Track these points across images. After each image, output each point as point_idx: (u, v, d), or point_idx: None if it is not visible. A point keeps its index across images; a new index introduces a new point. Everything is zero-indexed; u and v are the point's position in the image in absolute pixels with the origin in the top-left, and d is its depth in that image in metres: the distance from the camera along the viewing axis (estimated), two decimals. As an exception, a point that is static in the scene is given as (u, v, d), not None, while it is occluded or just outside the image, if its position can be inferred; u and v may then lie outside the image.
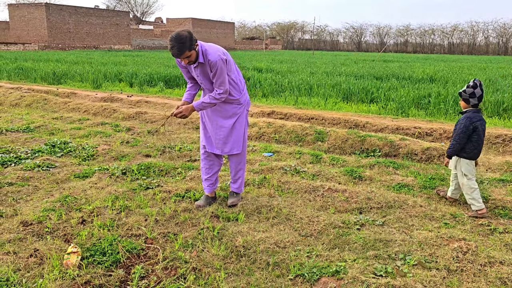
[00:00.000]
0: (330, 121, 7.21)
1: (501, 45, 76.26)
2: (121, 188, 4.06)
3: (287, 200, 3.93)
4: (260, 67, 17.18)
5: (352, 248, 3.06)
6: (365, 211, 3.76)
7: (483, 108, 8.34)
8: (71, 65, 17.91)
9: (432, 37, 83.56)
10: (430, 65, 21.89)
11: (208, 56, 3.30)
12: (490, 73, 16.21)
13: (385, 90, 9.95)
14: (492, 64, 26.72)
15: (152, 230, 3.24)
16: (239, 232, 3.24)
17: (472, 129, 3.67)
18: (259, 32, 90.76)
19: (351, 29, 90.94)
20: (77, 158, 5.23)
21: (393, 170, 4.89)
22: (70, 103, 9.09)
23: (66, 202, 3.68)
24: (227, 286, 2.55)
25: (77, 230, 3.19)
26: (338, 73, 14.95)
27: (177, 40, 3.13)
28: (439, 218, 3.56)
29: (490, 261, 2.77)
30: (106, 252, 2.85)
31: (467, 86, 3.72)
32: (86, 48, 46.30)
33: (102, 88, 12.13)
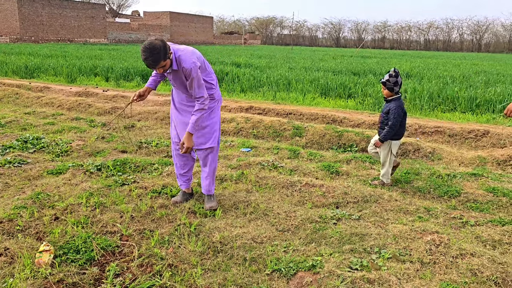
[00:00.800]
0: (308, 116, 7.25)
1: (475, 42, 78.28)
2: (96, 185, 3.98)
3: (264, 196, 3.93)
4: (239, 62, 17.12)
5: (328, 243, 3.08)
6: (342, 205, 3.80)
7: (457, 104, 8.53)
8: (44, 59, 17.46)
9: (408, 33, 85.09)
10: (407, 61, 22.26)
11: (182, 64, 3.16)
12: (464, 69, 16.60)
13: (362, 86, 10.06)
14: (466, 60, 27.37)
15: (128, 227, 3.19)
16: (216, 228, 3.23)
17: (403, 115, 4.08)
18: (238, 27, 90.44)
19: (329, 25, 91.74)
20: (50, 154, 5.10)
21: (369, 165, 4.96)
22: (43, 97, 8.86)
23: (38, 199, 3.59)
24: (203, 282, 2.53)
25: (50, 228, 3.11)
26: (316, 69, 15.04)
27: (151, 51, 2.97)
28: (413, 212, 3.63)
29: (461, 253, 2.84)
30: (80, 250, 2.80)
31: (390, 75, 4.01)
32: (60, 41, 45.19)
33: (77, 83, 11.87)
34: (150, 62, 3.00)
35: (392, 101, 4.09)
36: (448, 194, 4.06)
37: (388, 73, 4.06)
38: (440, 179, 4.47)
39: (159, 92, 10.21)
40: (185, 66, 3.15)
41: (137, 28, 56.17)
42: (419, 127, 6.52)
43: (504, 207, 3.79)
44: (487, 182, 4.35)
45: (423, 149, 5.49)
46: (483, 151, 5.55)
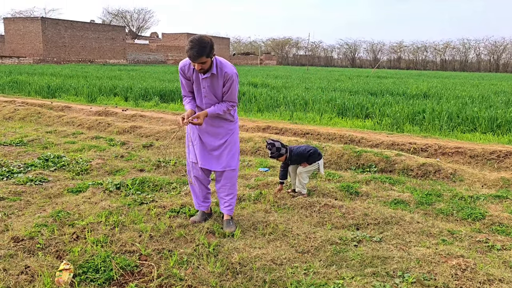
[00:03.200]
0: (326, 136, 7.21)
1: (493, 62, 77.48)
2: (115, 203, 4.00)
3: (283, 216, 3.89)
4: (255, 82, 17.26)
5: (349, 265, 3.02)
6: (362, 227, 3.72)
7: (477, 124, 8.40)
8: (65, 79, 17.90)
9: (424, 53, 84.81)
10: (424, 81, 22.12)
11: (224, 69, 3.27)
12: (483, 90, 16.40)
13: (379, 106, 10.01)
14: (484, 80, 27.07)
15: (147, 246, 3.18)
16: (235, 249, 3.19)
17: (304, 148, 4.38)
18: (254, 48, 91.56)
19: (345, 46, 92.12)
20: (71, 172, 5.17)
21: (389, 185, 4.88)
22: (64, 116, 9.04)
23: (58, 218, 3.62)
24: (223, 305, 2.49)
25: (69, 246, 3.12)
26: (333, 89, 15.05)
27: (199, 43, 3.04)
28: (437, 235, 3.53)
29: (489, 279, 2.74)
30: (99, 269, 2.79)
31: (270, 149, 4.21)
32: (81, 62, 46.39)
33: (96, 102, 12.10)
34: (194, 52, 3.02)
35: (291, 156, 4.29)
36: (472, 216, 3.95)
37: (267, 148, 4.24)
38: (463, 201, 4.36)
39: (177, 111, 10.33)
40: (227, 72, 3.26)
41: (156, 49, 57.38)
42: (439, 148, 6.42)
43: (532, 231, 3.66)
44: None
45: (444, 170, 5.39)
46: (506, 172, 5.42)
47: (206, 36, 3.11)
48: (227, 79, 3.29)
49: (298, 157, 4.34)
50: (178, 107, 11.38)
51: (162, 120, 8.92)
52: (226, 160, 3.54)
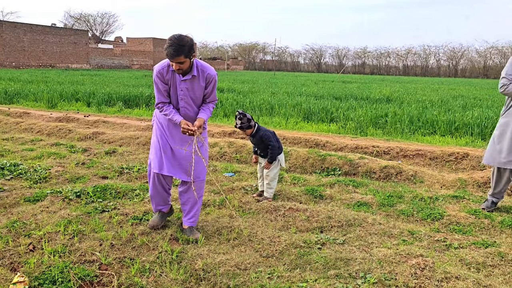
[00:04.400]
0: (291, 140, 7.27)
1: (452, 68, 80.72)
2: (75, 212, 3.87)
3: (248, 221, 3.88)
4: (222, 87, 17.22)
5: (313, 268, 3.04)
6: (326, 230, 3.77)
7: (437, 128, 8.70)
8: (25, 84, 17.26)
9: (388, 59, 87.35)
10: (387, 86, 22.75)
11: (206, 70, 3.24)
12: (442, 94, 17.03)
13: (344, 110, 10.20)
14: (443, 85, 28.12)
15: (107, 255, 3.09)
16: (198, 255, 3.15)
17: (273, 133, 4.41)
18: (221, 53, 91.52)
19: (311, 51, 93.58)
20: (28, 180, 4.97)
21: (353, 188, 4.96)
22: (23, 123, 8.71)
23: (14, 228, 3.46)
24: (185, 312, 2.45)
25: (25, 258, 2.99)
26: (299, 93, 15.22)
27: (178, 41, 2.96)
28: (398, 235, 3.62)
29: (446, 277, 2.82)
30: (56, 281, 2.69)
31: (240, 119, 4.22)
32: (42, 67, 44.89)
33: (57, 108, 11.72)
34: (171, 50, 2.94)
35: (257, 133, 4.33)
36: (431, 216, 4.08)
37: (237, 118, 4.24)
38: (422, 202, 4.49)
39: (141, 116, 10.16)
40: (210, 73, 3.25)
41: (120, 53, 56.31)
42: (400, 150, 6.60)
43: (486, 229, 3.82)
44: (468, 204, 4.40)
45: (405, 172, 5.54)
46: (463, 173, 5.63)
47: (186, 35, 3.03)
48: (210, 80, 3.27)
49: (260, 140, 4.34)
50: (143, 112, 11.19)
51: (126, 126, 8.74)
52: (197, 170, 3.38)
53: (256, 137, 4.35)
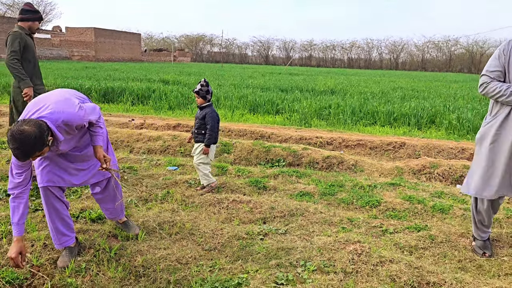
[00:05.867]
0: (237, 132, 7.27)
1: (393, 61, 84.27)
2: (4, 212, 3.63)
3: (190, 214, 3.83)
4: (167, 79, 16.87)
5: (255, 259, 3.05)
6: (269, 220, 3.80)
7: (377, 118, 9.05)
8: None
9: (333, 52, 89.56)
10: (332, 78, 23.33)
11: (73, 124, 2.55)
12: (383, 86, 17.72)
13: (289, 102, 10.34)
14: (385, 78, 29.30)
15: (40, 256, 2.93)
16: (138, 252, 3.07)
17: (218, 119, 4.41)
18: (167, 44, 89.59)
19: (258, 43, 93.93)
20: (-48, 180, 4.59)
21: (296, 179, 5.04)
22: None
23: None
24: (122, 311, 2.37)
25: None
26: (245, 86, 15.23)
27: (25, 143, 2.23)
28: (338, 223, 3.72)
29: (381, 261, 2.94)
30: (-20, 286, 2.51)
31: (201, 85, 4.33)
32: (-28, 57, 41.66)
33: (-12, 101, 10.94)
34: (19, 153, 2.27)
35: (206, 107, 4.40)
36: (369, 204, 4.23)
37: (200, 83, 4.34)
38: (362, 190, 4.65)
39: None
40: (78, 123, 2.59)
41: (59, 44, 53.50)
42: (343, 141, 6.79)
43: (419, 214, 4.02)
44: (404, 191, 4.61)
45: (346, 161, 5.71)
46: (400, 162, 5.89)
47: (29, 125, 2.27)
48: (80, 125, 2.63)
49: (204, 116, 4.32)
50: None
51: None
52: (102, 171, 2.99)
53: (203, 111, 4.36)
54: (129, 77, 17.14)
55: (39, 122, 2.32)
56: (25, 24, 4.69)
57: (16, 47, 4.51)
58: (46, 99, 2.53)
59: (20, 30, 4.64)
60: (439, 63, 79.25)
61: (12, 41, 4.52)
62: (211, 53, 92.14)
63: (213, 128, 4.34)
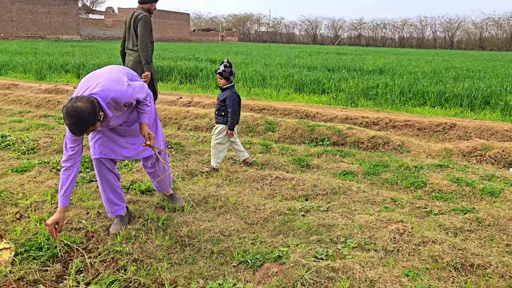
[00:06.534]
0: (282, 111, 7.28)
1: (448, 40, 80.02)
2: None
3: (234, 190, 3.93)
4: (214, 59, 17.04)
5: (296, 234, 3.11)
6: (311, 198, 3.83)
7: (427, 99, 8.72)
8: (13, 55, 16.97)
9: (384, 30, 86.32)
10: (381, 58, 22.60)
11: (121, 102, 2.66)
12: (436, 66, 16.95)
13: (335, 81, 10.17)
14: (438, 57, 27.96)
15: (94, 223, 3.14)
16: (184, 222, 3.21)
17: (238, 100, 4.38)
18: (215, 24, 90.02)
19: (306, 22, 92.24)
20: (16, 151, 4.97)
21: (339, 158, 5.02)
22: (11, 95, 8.62)
23: (1, 198, 3.50)
24: (169, 276, 2.52)
25: (12, 226, 3.03)
26: (292, 65, 15.11)
27: (79, 118, 2.37)
28: (380, 202, 3.69)
29: (424, 241, 2.91)
30: (42, 247, 2.74)
31: (225, 66, 4.30)
32: (31, 38, 43.99)
33: (46, 80, 11.59)
34: (75, 128, 2.42)
35: (228, 89, 4.36)
36: (414, 185, 4.15)
37: (223, 64, 4.31)
38: (407, 171, 4.56)
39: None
40: (127, 101, 2.70)
41: (112, 24, 55.23)
42: (389, 121, 6.63)
43: (467, 196, 3.90)
44: (452, 173, 4.47)
45: (392, 142, 5.59)
46: (449, 143, 5.69)
47: (82, 102, 2.40)
48: (128, 102, 2.73)
49: (225, 99, 4.31)
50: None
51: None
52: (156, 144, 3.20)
53: (224, 93, 4.36)
54: (178, 57, 17.48)
55: (91, 99, 2.45)
56: (146, 6, 5.03)
57: (148, 32, 4.91)
58: (97, 77, 2.67)
59: (145, 13, 4.95)
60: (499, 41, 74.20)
61: (145, 25, 4.88)
62: (259, 33, 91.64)
63: (234, 111, 4.32)
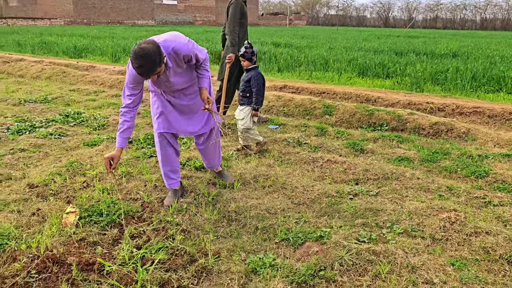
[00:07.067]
0: (342, 95, 7.16)
1: (537, 21, 72.73)
2: (126, 156, 4.21)
3: (285, 170, 3.99)
4: (279, 42, 17.02)
5: (341, 216, 3.11)
6: (362, 182, 3.79)
7: (503, 85, 8.09)
8: (93, 40, 18.18)
9: (463, 12, 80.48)
10: (456, 41, 21.18)
11: (181, 53, 2.83)
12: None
13: (402, 65, 9.75)
14: (523, 40, 25.58)
15: (150, 195, 3.37)
16: (233, 199, 3.34)
17: (263, 81, 4.37)
18: (283, 8, 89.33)
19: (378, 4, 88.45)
20: (89, 127, 5.41)
21: (396, 143, 4.87)
22: (88, 75, 9.30)
23: (72, 168, 3.85)
24: (213, 247, 2.65)
25: (79, 193, 3.35)
26: (357, 48, 14.68)
27: (146, 58, 2.54)
28: (435, 190, 3.56)
29: (476, 231, 2.78)
30: (103, 213, 3.00)
31: (246, 47, 4.29)
32: (111, 24, 46.69)
33: (120, 62, 12.31)
34: (143, 71, 2.58)
35: (252, 70, 4.35)
36: (475, 174, 3.93)
37: (244, 46, 4.29)
38: (470, 160, 4.32)
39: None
40: (186, 53, 2.86)
41: (184, 9, 56.91)
42: (456, 107, 6.27)
43: (534, 188, 3.63)
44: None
45: (457, 129, 5.30)
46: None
47: (147, 44, 2.58)
48: (187, 56, 2.88)
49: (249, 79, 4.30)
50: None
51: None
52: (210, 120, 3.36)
53: (249, 74, 4.36)
54: (243, 40, 17.68)
55: (155, 42, 2.65)
56: None
57: (237, 16, 5.18)
58: (160, 35, 2.88)
59: None
60: None
61: (235, 10, 5.18)
62: (327, 16, 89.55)
63: (259, 91, 4.30)
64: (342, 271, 2.40)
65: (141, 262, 2.42)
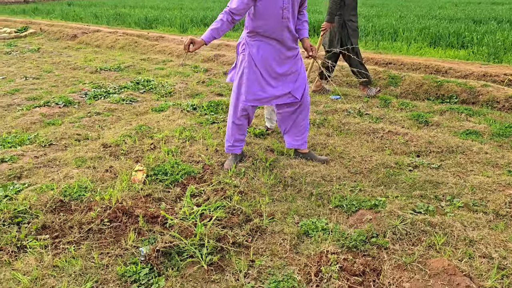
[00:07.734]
0: (409, 66, 6.84)
1: None
2: (190, 121, 4.41)
3: (343, 140, 3.97)
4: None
5: (398, 187, 3.07)
6: (423, 154, 3.68)
7: None
8: (162, 11, 18.72)
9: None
10: (548, 8, 19.10)
11: None
12: None
13: (479, 34, 9.05)
14: None
15: (211, 158, 3.53)
16: (289, 165, 3.41)
17: None
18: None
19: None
20: (157, 94, 5.70)
21: (465, 116, 4.62)
22: (157, 46, 9.67)
23: (141, 131, 4.12)
24: (268, 209, 2.76)
25: (146, 154, 3.59)
26: (431, 17, 13.78)
27: None
28: (504, 166, 3.37)
29: (545, 209, 2.63)
30: (167, 173, 3.21)
31: None
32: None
33: (188, 32, 12.62)
34: None
35: None
36: (552, 151, 3.66)
37: None
38: (548, 135, 4.01)
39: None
40: None
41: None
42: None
43: None
44: None
45: (537, 103, 4.91)
46: None
47: None
48: None
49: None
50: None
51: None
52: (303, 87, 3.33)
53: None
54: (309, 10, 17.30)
55: None
56: None
57: None
58: None
59: None
60: None
61: None
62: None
63: None
64: (395, 239, 2.40)
65: (200, 218, 2.59)
